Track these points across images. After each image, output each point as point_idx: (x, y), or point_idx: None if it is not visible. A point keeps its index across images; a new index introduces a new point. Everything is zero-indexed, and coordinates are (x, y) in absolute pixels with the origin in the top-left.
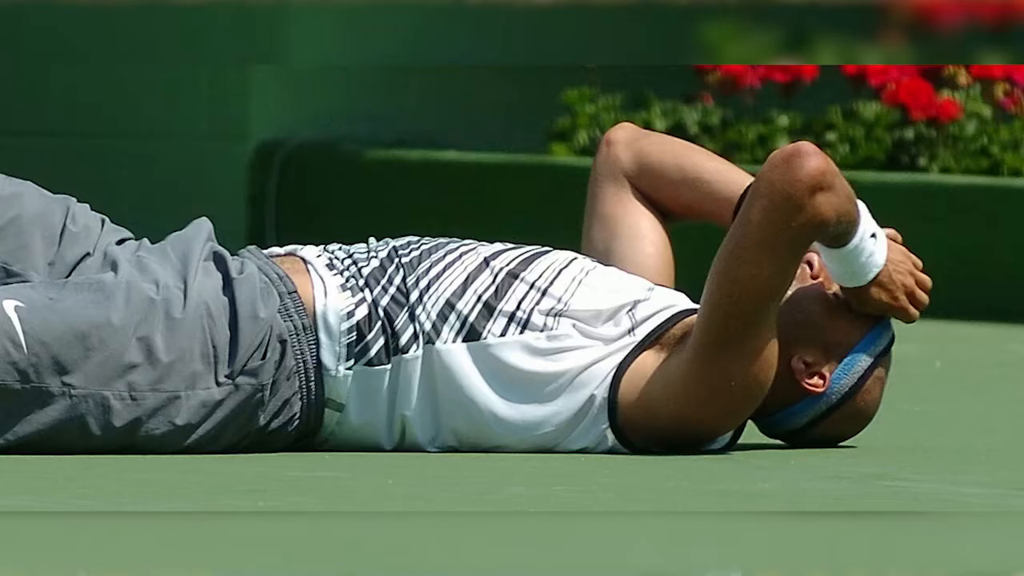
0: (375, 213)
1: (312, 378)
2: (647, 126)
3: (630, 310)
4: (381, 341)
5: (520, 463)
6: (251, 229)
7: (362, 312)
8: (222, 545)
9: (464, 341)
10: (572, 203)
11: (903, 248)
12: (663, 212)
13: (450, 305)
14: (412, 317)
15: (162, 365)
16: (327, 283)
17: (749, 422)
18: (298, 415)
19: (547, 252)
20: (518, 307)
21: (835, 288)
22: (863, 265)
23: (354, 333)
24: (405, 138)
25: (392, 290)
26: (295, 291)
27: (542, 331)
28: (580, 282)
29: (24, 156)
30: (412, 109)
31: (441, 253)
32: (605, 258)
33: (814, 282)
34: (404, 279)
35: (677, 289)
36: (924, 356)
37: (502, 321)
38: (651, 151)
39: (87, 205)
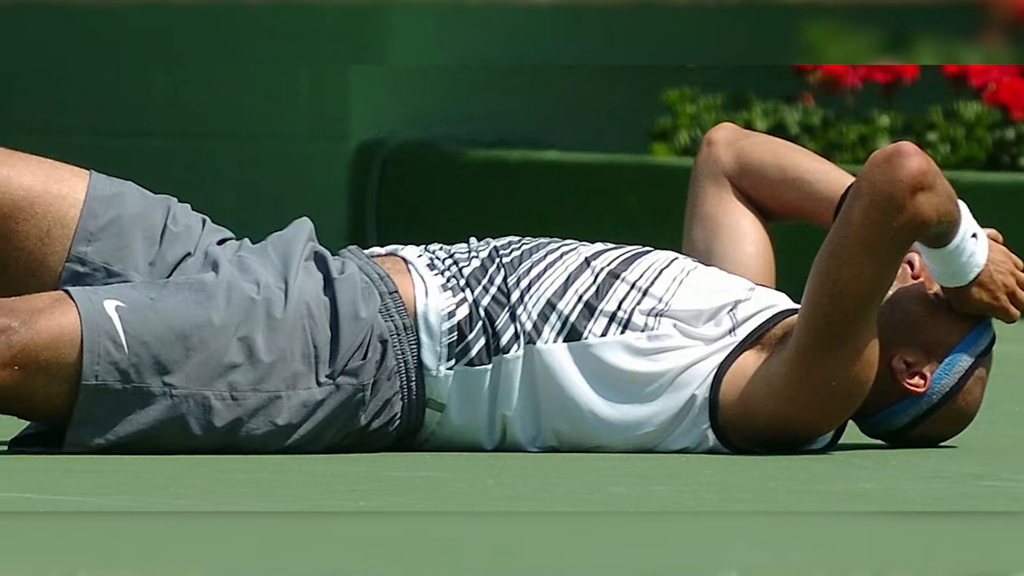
0: (476, 213)
1: (413, 378)
2: (748, 126)
3: (731, 310)
4: (482, 341)
5: (621, 463)
6: (352, 229)
7: (463, 312)
8: (323, 545)
9: (565, 341)
10: (673, 203)
11: (1004, 248)
12: (763, 212)
13: (551, 305)
14: (513, 317)
15: (263, 365)
16: (428, 283)
17: (850, 422)
18: (399, 415)
19: (648, 252)
20: (619, 307)
21: (936, 288)
22: (964, 265)
23: (455, 333)
24: (506, 138)
25: (493, 290)
26: (396, 291)
27: (643, 331)
28: (681, 282)
29: (125, 157)
30: (513, 109)
31: (542, 253)
32: (706, 258)
33: (915, 282)
34: (505, 279)
35: (778, 289)
36: None
37: (603, 321)
38: (752, 151)
39: (188, 205)
